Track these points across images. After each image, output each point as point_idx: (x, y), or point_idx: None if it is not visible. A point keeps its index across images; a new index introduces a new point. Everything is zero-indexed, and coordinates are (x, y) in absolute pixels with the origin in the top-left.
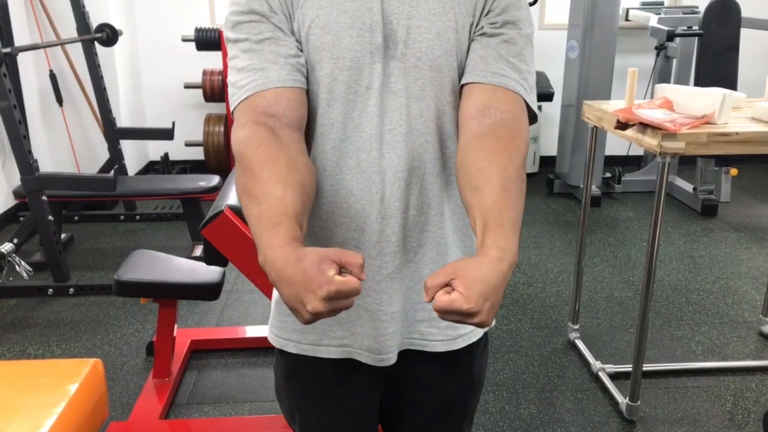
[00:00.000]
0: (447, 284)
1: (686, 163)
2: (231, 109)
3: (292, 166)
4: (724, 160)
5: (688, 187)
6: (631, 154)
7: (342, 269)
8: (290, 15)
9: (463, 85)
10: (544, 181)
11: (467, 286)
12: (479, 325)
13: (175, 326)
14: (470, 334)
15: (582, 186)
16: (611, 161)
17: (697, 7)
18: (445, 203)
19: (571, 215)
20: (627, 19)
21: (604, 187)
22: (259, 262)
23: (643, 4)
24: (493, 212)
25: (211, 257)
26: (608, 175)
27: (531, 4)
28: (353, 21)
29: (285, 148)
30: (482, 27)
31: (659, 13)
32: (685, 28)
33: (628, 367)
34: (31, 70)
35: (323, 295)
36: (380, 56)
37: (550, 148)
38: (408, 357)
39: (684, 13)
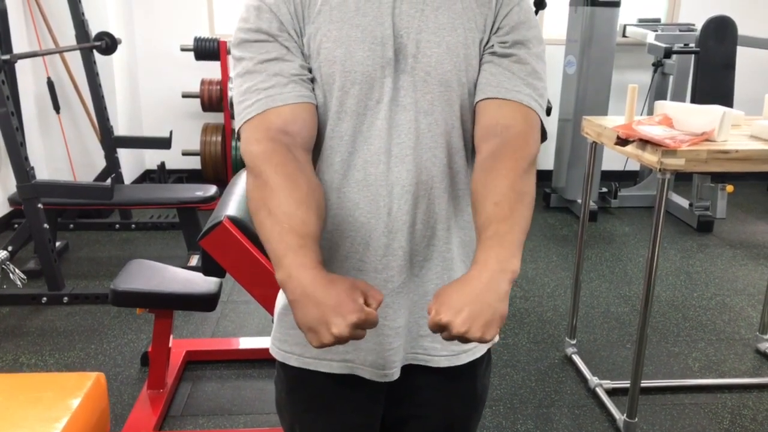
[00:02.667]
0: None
1: (682, 179)
2: (238, 126)
3: (311, 188)
4: (720, 177)
5: (684, 203)
6: (627, 169)
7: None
8: (301, 30)
9: (476, 104)
10: (541, 195)
11: (439, 303)
12: (469, 338)
13: (171, 337)
14: (474, 350)
15: (579, 200)
16: (608, 176)
17: (693, 25)
18: (452, 218)
19: (568, 229)
20: (624, 36)
21: (600, 202)
22: (280, 278)
23: (641, 20)
24: (481, 230)
25: (209, 268)
26: (605, 189)
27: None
28: (365, 35)
29: (302, 168)
30: (492, 45)
31: (656, 30)
32: (682, 45)
33: (625, 383)
34: (29, 78)
35: (353, 321)
36: (391, 70)
37: (547, 162)
38: (410, 372)
39: (681, 31)
